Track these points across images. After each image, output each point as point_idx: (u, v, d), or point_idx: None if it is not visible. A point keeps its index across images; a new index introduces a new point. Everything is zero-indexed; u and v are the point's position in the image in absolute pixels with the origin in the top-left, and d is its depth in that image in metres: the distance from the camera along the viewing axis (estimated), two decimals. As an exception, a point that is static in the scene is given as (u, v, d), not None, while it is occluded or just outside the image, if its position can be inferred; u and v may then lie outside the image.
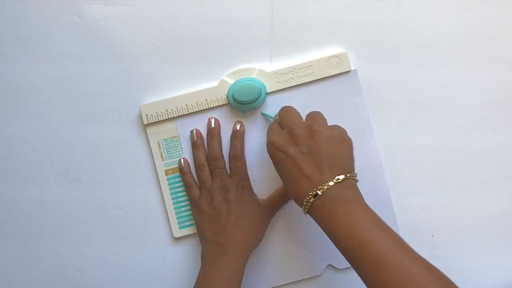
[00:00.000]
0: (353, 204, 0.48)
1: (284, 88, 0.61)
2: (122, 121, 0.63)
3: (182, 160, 0.62)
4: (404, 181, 0.62)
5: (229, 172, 0.60)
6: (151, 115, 0.61)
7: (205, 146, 0.61)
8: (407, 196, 0.61)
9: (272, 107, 0.61)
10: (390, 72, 0.62)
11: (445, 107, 0.62)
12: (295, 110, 0.55)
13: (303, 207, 0.50)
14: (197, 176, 0.61)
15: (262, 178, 0.61)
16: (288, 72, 0.61)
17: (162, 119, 0.61)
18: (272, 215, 0.61)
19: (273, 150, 0.52)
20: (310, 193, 0.49)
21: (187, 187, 0.61)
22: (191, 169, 0.62)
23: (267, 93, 0.61)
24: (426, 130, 0.62)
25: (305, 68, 0.61)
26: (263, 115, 0.61)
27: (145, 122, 0.61)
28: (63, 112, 0.63)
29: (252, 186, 0.61)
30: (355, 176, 0.51)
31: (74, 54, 0.63)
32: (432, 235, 0.62)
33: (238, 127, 0.61)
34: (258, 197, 0.61)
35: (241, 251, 0.56)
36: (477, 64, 0.61)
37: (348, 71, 0.61)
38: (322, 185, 0.48)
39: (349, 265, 0.61)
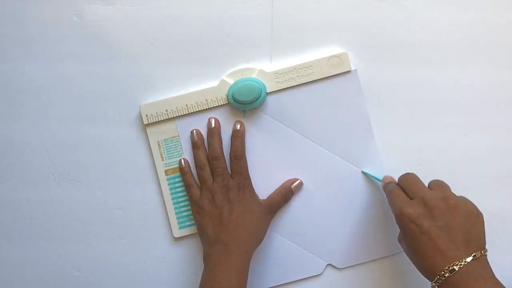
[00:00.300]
0: (490, 283, 0.48)
1: (284, 88, 0.61)
2: (122, 121, 0.63)
3: (182, 161, 0.62)
4: (404, 181, 0.62)
5: (230, 172, 0.60)
6: (151, 115, 0.61)
7: (205, 146, 0.61)
8: (407, 196, 0.61)
9: (272, 107, 0.61)
10: (390, 72, 0.62)
11: (445, 107, 0.62)
12: (418, 177, 0.54)
13: (435, 280, 0.48)
14: (198, 176, 0.61)
15: (262, 177, 0.61)
16: (288, 72, 0.61)
17: (162, 119, 0.61)
18: (273, 215, 0.61)
19: (407, 222, 0.50)
20: (446, 268, 0.48)
21: (187, 186, 0.61)
22: (191, 169, 0.62)
23: (267, 93, 0.61)
24: (426, 130, 0.62)
25: (305, 68, 0.61)
26: (365, 174, 0.61)
27: (145, 122, 0.61)
28: (63, 112, 0.63)
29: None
30: (486, 252, 0.50)
31: (74, 54, 0.63)
32: (432, 235, 0.62)
33: (238, 126, 0.61)
34: (258, 196, 0.61)
35: (244, 249, 0.56)
36: (477, 64, 0.61)
37: (348, 71, 0.61)
38: (459, 261, 0.48)
39: (349, 265, 0.62)
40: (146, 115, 0.61)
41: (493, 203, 0.61)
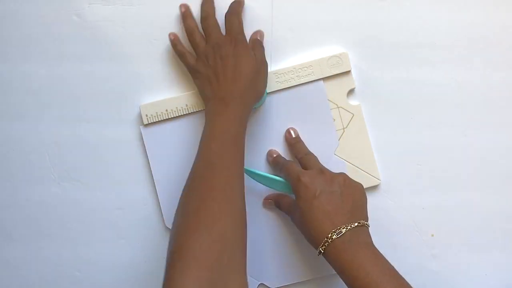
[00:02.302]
0: (368, 249, 0.52)
1: (284, 88, 0.61)
2: (122, 121, 0.63)
3: (170, 35, 0.61)
4: (404, 181, 0.62)
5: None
6: (151, 115, 0.61)
7: (194, 17, 0.61)
8: (407, 196, 0.61)
9: (272, 107, 0.61)
10: (390, 72, 0.62)
11: (445, 107, 0.62)
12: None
13: (321, 246, 0.52)
14: (190, 42, 0.61)
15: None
16: (288, 72, 0.61)
17: (162, 119, 0.61)
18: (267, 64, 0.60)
19: (302, 187, 0.54)
20: (333, 231, 0.51)
21: (180, 56, 0.61)
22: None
23: (267, 93, 0.61)
24: (426, 130, 0.62)
25: (305, 68, 0.61)
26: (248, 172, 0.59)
27: (145, 122, 0.61)
28: (63, 112, 0.63)
29: (252, 183, 0.60)
30: (369, 227, 0.54)
31: (74, 54, 0.63)
32: (432, 235, 0.62)
33: None
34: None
35: (240, 101, 0.56)
36: (477, 64, 0.61)
37: (348, 71, 0.61)
38: (346, 225, 0.51)
39: (281, 285, 0.61)
40: (146, 115, 0.61)
41: (493, 203, 0.61)
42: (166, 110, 0.61)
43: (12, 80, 0.63)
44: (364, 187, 0.61)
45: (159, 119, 0.61)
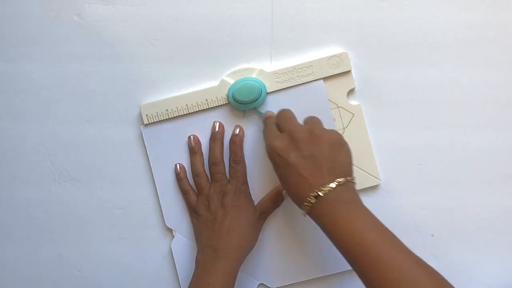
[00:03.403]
0: (353, 206, 0.50)
1: (284, 88, 0.61)
2: (122, 121, 0.63)
3: (178, 166, 0.62)
4: (404, 181, 0.62)
5: (228, 177, 0.60)
6: (151, 115, 0.61)
7: (202, 152, 0.61)
8: (407, 196, 0.61)
9: (272, 107, 0.61)
10: (390, 72, 0.62)
11: (445, 107, 0.62)
12: (293, 113, 0.56)
13: (303, 208, 0.51)
14: (194, 183, 0.61)
15: (261, 178, 0.61)
16: (288, 72, 0.61)
17: (162, 119, 0.61)
18: (264, 220, 0.61)
19: (274, 155, 0.53)
20: (312, 195, 0.50)
21: (184, 193, 0.61)
22: (188, 173, 0.62)
23: (267, 93, 0.61)
24: (426, 130, 0.62)
25: (305, 68, 0.61)
26: (258, 111, 0.61)
27: (145, 122, 0.61)
28: (63, 112, 0.63)
29: (251, 186, 0.61)
30: (354, 180, 0.52)
31: (75, 54, 0.63)
32: (432, 235, 0.62)
33: (237, 131, 0.61)
34: (254, 199, 0.61)
35: (235, 255, 0.56)
36: (477, 64, 0.61)
37: (348, 71, 0.61)
38: (323, 187, 0.50)
39: (281, 285, 0.61)
40: (146, 115, 0.61)
41: (493, 203, 0.61)
42: (166, 110, 0.61)
43: (13, 80, 0.63)
44: (364, 187, 0.61)
45: (159, 119, 0.61)
